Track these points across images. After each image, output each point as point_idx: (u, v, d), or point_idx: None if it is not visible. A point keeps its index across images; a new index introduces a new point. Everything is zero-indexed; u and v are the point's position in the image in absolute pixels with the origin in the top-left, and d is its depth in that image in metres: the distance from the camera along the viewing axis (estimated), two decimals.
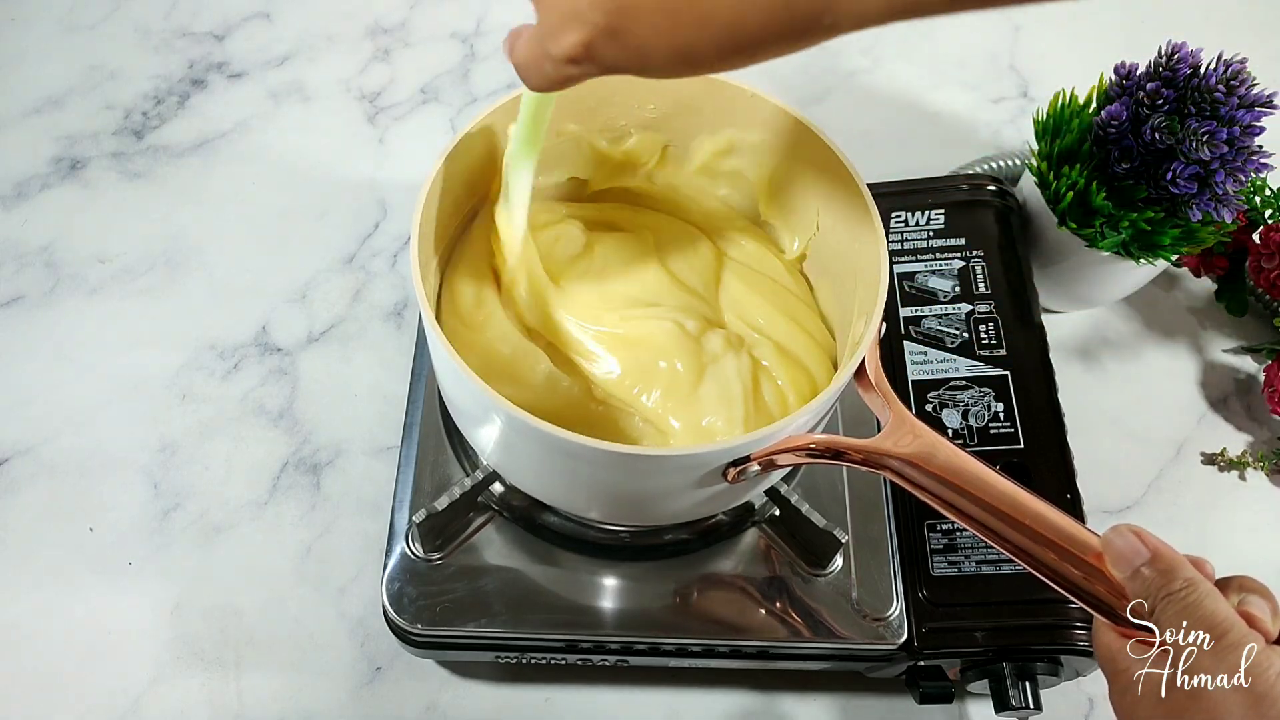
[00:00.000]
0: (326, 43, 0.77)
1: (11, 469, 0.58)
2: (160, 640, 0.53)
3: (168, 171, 0.70)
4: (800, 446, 0.37)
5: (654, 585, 0.48)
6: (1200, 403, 0.63)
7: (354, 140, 0.72)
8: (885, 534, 0.49)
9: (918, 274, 0.57)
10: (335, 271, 0.66)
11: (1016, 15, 0.81)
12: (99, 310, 0.64)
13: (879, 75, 0.77)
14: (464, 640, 0.47)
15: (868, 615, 0.47)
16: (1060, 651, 0.46)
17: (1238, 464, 0.60)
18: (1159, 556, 0.32)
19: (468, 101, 0.74)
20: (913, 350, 0.55)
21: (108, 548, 0.56)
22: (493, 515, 0.50)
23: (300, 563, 0.56)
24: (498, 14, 0.78)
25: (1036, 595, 0.46)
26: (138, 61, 0.75)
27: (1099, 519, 0.58)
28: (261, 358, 0.63)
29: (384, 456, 0.59)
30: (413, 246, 0.39)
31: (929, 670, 0.49)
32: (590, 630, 0.47)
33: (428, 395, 0.52)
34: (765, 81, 0.43)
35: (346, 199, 0.69)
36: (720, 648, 0.48)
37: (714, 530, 0.50)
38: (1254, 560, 0.58)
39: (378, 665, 0.53)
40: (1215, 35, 0.57)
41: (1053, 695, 0.49)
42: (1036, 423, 0.52)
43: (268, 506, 0.57)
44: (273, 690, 0.52)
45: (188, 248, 0.67)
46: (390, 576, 0.47)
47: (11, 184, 0.69)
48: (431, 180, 0.41)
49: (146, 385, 0.61)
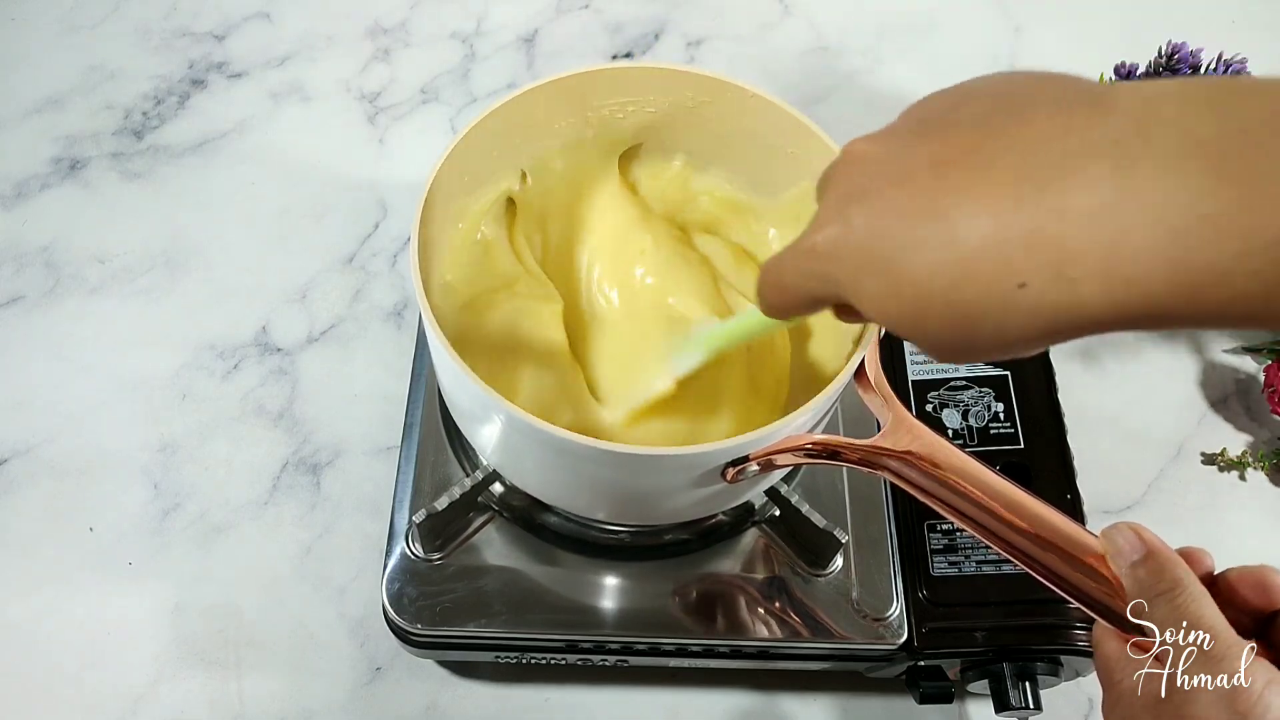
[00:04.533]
0: (326, 43, 0.77)
1: (11, 469, 0.58)
2: (160, 640, 0.53)
3: (168, 171, 0.70)
4: (799, 446, 0.37)
5: (654, 585, 0.48)
6: (1200, 403, 0.63)
7: (354, 140, 0.72)
8: (885, 534, 0.49)
9: None
10: (335, 271, 0.66)
11: (1017, 15, 0.81)
12: (99, 310, 0.64)
13: (879, 75, 0.77)
14: (464, 640, 0.47)
15: (868, 615, 0.47)
16: (1060, 651, 0.46)
17: (1238, 464, 0.60)
18: (1153, 554, 0.32)
19: (468, 101, 0.74)
20: (913, 350, 0.55)
21: (108, 548, 0.56)
22: (493, 515, 0.50)
23: (300, 563, 0.56)
24: (498, 14, 0.78)
25: (1036, 595, 0.46)
26: (138, 61, 0.75)
27: (1099, 519, 0.58)
28: (261, 358, 0.63)
29: (384, 456, 0.59)
30: (413, 246, 0.39)
31: (929, 670, 0.49)
32: (590, 630, 0.47)
33: (428, 395, 0.52)
34: (765, 81, 0.44)
35: (346, 199, 0.69)
36: (720, 648, 0.48)
37: (714, 530, 0.50)
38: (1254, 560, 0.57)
39: (378, 665, 0.53)
40: (1215, 35, 0.57)
41: (1053, 695, 0.49)
42: (1036, 423, 0.52)
43: (268, 506, 0.57)
44: (273, 690, 0.52)
45: (188, 248, 0.67)
46: (390, 576, 0.47)
47: (11, 184, 0.69)
48: (431, 180, 0.41)
49: (146, 385, 0.61)
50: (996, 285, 0.24)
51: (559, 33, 0.78)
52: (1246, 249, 0.21)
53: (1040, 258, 0.23)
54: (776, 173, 0.48)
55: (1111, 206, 0.22)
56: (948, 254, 0.24)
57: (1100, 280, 0.22)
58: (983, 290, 0.24)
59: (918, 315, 0.26)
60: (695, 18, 0.79)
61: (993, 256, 0.24)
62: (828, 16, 0.80)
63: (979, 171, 0.24)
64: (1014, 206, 0.23)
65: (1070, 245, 0.22)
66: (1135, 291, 0.22)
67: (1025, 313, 0.24)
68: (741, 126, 0.47)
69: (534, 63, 0.76)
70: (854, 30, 0.79)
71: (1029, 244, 0.23)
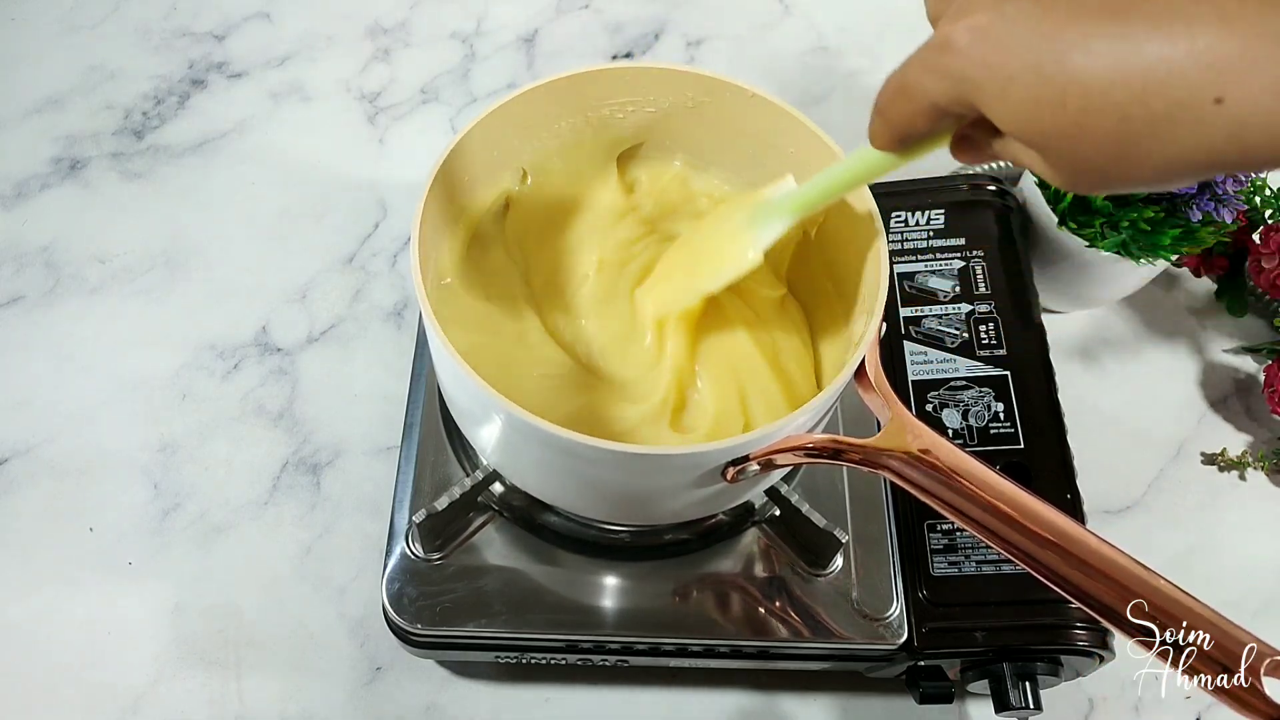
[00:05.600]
0: (326, 43, 0.77)
1: (11, 469, 0.58)
2: (160, 640, 0.53)
3: (168, 171, 0.70)
4: (799, 446, 0.37)
5: (654, 585, 0.48)
6: (1200, 403, 0.63)
7: (354, 140, 0.72)
8: (885, 534, 0.49)
9: (918, 274, 0.57)
10: (335, 271, 0.66)
11: None
12: (99, 310, 0.64)
13: (879, 75, 0.76)
14: (464, 640, 0.47)
15: (868, 615, 0.47)
16: (1060, 651, 0.47)
17: (1238, 464, 0.60)
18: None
19: (468, 101, 0.74)
20: (913, 350, 0.55)
21: (108, 548, 0.56)
22: (493, 515, 0.50)
23: (300, 563, 0.56)
24: (498, 14, 0.78)
25: (1036, 595, 0.46)
26: (138, 61, 0.75)
27: (1099, 519, 0.58)
28: (261, 358, 0.63)
29: (384, 456, 0.59)
30: (413, 246, 0.39)
31: (929, 670, 0.49)
32: (590, 630, 0.47)
33: (428, 395, 0.52)
34: (765, 81, 0.44)
35: (346, 199, 0.69)
36: (720, 648, 0.48)
37: (714, 530, 0.50)
38: (1254, 560, 0.58)
39: (378, 665, 0.53)
40: None
41: (1053, 695, 0.49)
42: (1036, 423, 0.52)
43: (268, 506, 0.57)
44: (273, 690, 0.52)
45: (188, 248, 0.67)
46: (390, 576, 0.47)
47: (11, 184, 0.69)
48: (431, 180, 0.41)
49: (146, 385, 0.61)
50: (1194, 99, 0.22)
51: (559, 33, 0.78)
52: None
53: (1248, 73, 0.21)
54: (777, 173, 0.48)
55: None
56: (1136, 60, 0.22)
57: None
58: (1173, 103, 0.22)
59: (1079, 129, 0.23)
60: (695, 18, 0.79)
61: (1197, 66, 0.22)
62: (828, 16, 0.80)
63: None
64: (1220, 20, 0.22)
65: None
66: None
67: (1217, 131, 0.22)
68: (741, 126, 0.47)
69: (534, 63, 0.76)
70: (854, 30, 0.79)
71: (1240, 57, 0.21)
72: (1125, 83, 0.22)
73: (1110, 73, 0.22)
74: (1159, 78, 0.22)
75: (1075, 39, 0.23)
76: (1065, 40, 0.23)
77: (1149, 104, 0.22)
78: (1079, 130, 0.23)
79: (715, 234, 0.45)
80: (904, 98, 0.28)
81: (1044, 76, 0.23)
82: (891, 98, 0.29)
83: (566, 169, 0.50)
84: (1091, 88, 0.23)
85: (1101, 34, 0.23)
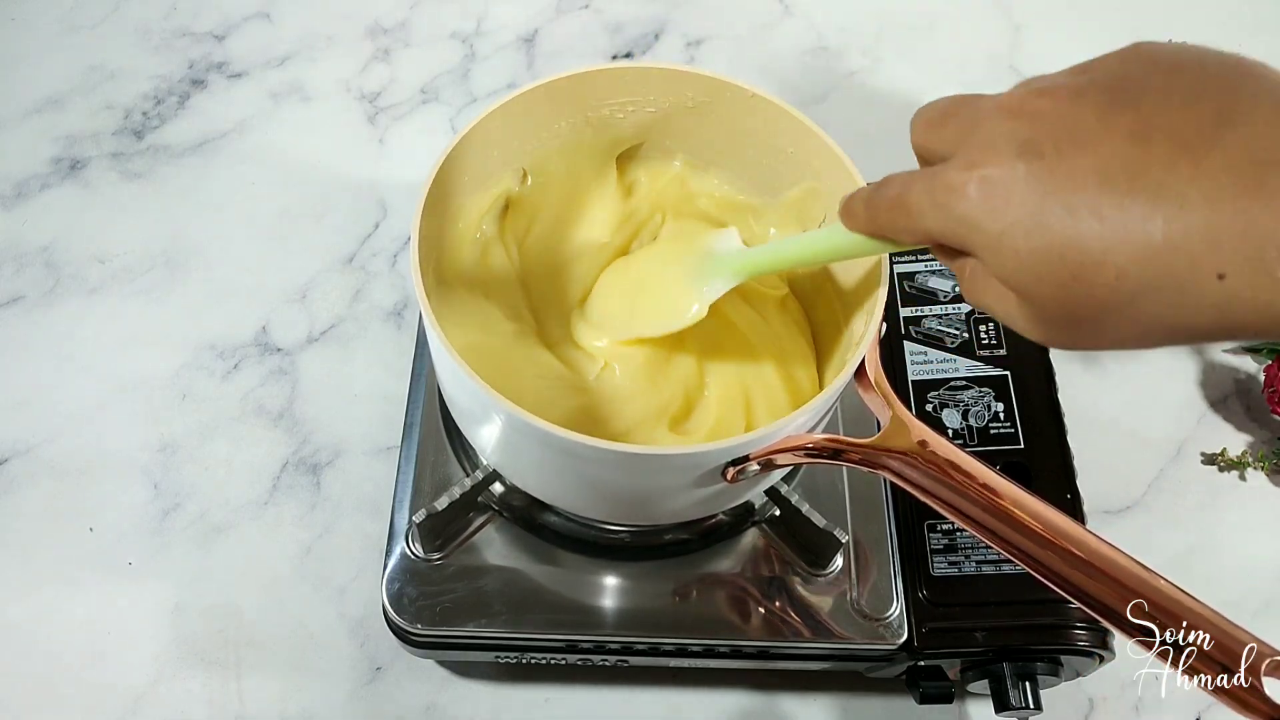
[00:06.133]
0: (326, 43, 0.77)
1: (11, 469, 0.58)
2: (160, 640, 0.53)
3: (168, 171, 0.70)
4: (799, 446, 0.37)
5: (654, 585, 0.48)
6: (1200, 403, 0.63)
7: (354, 140, 0.72)
8: (885, 534, 0.49)
9: (918, 274, 0.57)
10: (335, 271, 0.66)
11: (1017, 14, 0.81)
12: (99, 310, 0.64)
13: (879, 75, 0.77)
14: (464, 640, 0.47)
15: (868, 615, 0.47)
16: (1060, 651, 0.46)
17: (1238, 464, 0.60)
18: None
19: (468, 101, 0.74)
20: (913, 350, 0.55)
21: (108, 548, 0.56)
22: (493, 515, 0.50)
23: (300, 563, 0.56)
24: (498, 14, 0.78)
25: (1036, 595, 0.46)
26: (138, 61, 0.75)
27: (1099, 519, 0.58)
28: (261, 358, 0.63)
29: (384, 456, 0.59)
30: (413, 246, 0.39)
31: (929, 670, 0.49)
32: (590, 630, 0.47)
33: (428, 395, 0.52)
34: (765, 81, 0.44)
35: (346, 199, 0.69)
36: (720, 648, 0.48)
37: (714, 530, 0.50)
38: (1254, 560, 0.58)
39: (378, 665, 0.53)
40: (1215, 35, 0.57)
41: (1053, 695, 0.49)
42: (1036, 423, 0.52)
43: (268, 506, 0.57)
44: (273, 690, 0.52)
45: (188, 248, 0.67)
46: (390, 576, 0.47)
47: (11, 184, 0.69)
48: (431, 180, 0.41)
49: (146, 385, 0.61)
50: (1192, 272, 0.22)
51: (559, 33, 0.78)
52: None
53: (1250, 251, 0.22)
54: (777, 173, 0.48)
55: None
56: (1138, 229, 0.23)
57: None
58: (1169, 274, 0.23)
59: (1070, 288, 0.24)
60: (695, 18, 0.79)
61: (1197, 241, 0.22)
62: (828, 16, 0.80)
63: (1189, 153, 0.23)
64: (1231, 195, 0.22)
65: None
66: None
67: (1211, 305, 0.22)
68: (741, 126, 0.47)
69: (534, 63, 0.76)
70: (854, 30, 0.79)
71: (1243, 234, 0.22)
72: (1126, 249, 0.23)
73: (1112, 237, 0.23)
74: (1160, 248, 0.23)
75: (1083, 202, 0.24)
76: (1073, 202, 0.24)
77: (1144, 272, 0.23)
78: (1073, 282, 0.24)
79: (661, 276, 0.45)
80: (901, 212, 0.29)
81: (1047, 229, 0.24)
82: (888, 205, 0.30)
83: (566, 169, 0.50)
84: (1092, 247, 0.24)
85: (1108, 203, 0.24)
